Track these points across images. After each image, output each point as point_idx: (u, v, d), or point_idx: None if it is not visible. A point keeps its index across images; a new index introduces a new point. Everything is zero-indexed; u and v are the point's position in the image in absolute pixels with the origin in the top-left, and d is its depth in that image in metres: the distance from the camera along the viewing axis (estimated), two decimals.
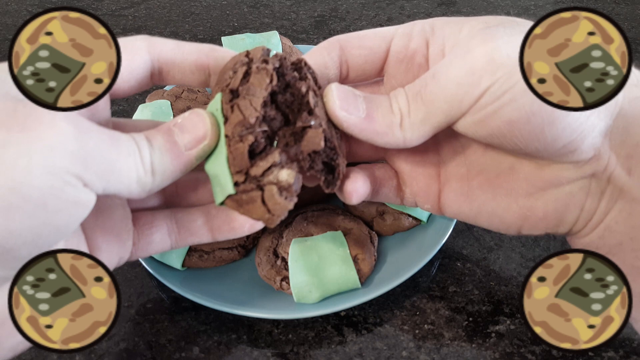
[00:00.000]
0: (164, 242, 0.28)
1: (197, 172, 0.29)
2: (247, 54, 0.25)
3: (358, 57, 0.28)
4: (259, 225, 0.27)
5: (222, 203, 0.24)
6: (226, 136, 0.23)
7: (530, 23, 0.23)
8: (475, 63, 0.23)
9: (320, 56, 0.27)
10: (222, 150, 0.23)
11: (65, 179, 0.20)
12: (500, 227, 0.28)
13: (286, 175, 0.23)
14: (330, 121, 0.25)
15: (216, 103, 0.24)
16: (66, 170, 0.20)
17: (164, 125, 0.24)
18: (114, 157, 0.21)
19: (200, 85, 0.28)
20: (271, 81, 0.23)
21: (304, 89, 0.24)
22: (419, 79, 0.25)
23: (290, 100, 0.25)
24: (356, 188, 0.26)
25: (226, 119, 0.23)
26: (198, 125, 0.23)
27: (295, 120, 0.25)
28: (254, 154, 0.23)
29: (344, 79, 0.28)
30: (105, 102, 0.26)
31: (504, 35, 0.23)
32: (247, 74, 0.24)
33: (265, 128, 0.23)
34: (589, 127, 0.23)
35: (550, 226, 0.26)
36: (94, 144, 0.21)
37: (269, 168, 0.22)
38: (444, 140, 0.29)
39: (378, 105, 0.25)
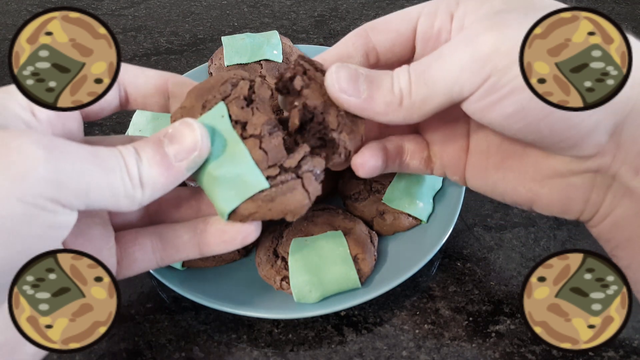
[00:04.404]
0: (148, 260, 0.28)
1: (179, 189, 0.28)
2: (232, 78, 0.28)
3: (385, 42, 0.28)
4: (251, 238, 0.27)
5: (233, 211, 0.25)
6: (251, 136, 0.25)
7: (551, 5, 0.23)
8: (480, 50, 0.23)
9: (344, 47, 0.28)
10: (239, 151, 0.25)
11: (40, 205, 0.19)
12: (513, 204, 0.28)
13: (318, 163, 0.26)
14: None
15: (219, 111, 0.25)
16: (39, 196, 0.19)
17: (154, 135, 0.24)
18: (94, 174, 0.21)
19: (159, 110, 0.28)
20: (272, 94, 0.27)
21: (288, 74, 0.26)
22: (425, 58, 0.25)
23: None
24: (364, 161, 0.27)
25: (244, 123, 0.25)
26: (187, 136, 0.23)
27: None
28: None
29: (374, 65, 0.28)
30: (78, 124, 0.26)
31: (514, 22, 0.23)
32: (251, 87, 0.27)
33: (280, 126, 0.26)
34: (590, 124, 0.23)
35: (556, 213, 0.27)
36: (69, 164, 0.20)
37: (303, 158, 0.25)
38: None
39: (379, 85, 0.25)
